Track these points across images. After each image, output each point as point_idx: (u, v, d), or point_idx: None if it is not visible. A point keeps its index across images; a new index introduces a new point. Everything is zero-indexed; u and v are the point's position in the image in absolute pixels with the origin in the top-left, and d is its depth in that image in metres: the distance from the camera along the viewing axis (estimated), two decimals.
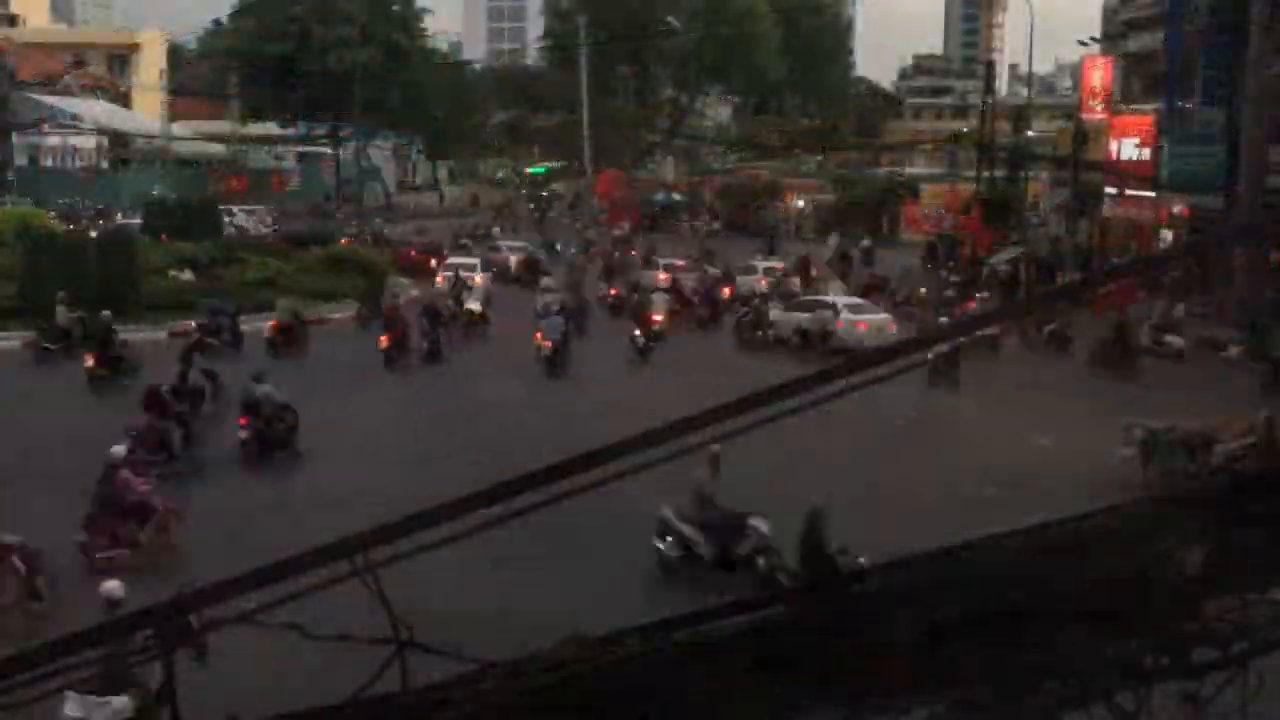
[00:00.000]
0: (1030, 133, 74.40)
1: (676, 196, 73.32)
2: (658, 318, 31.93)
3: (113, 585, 10.86)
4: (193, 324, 29.63)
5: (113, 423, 18.74)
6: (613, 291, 38.48)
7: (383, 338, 28.50)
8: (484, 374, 27.88)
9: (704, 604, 2.46)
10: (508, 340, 31.08)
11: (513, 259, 47.12)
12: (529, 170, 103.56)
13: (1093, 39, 53.39)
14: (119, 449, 15.74)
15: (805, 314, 32.53)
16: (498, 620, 13.28)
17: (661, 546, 15.01)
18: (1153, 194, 42.49)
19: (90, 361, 25.28)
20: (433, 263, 44.23)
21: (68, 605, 12.58)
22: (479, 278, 38.86)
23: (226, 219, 52.76)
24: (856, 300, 34.61)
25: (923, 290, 37.76)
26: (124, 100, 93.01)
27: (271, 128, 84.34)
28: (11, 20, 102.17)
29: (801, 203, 71.65)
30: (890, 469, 19.88)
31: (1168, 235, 42.80)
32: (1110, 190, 46.99)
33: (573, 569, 14.77)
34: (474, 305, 33.63)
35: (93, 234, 41.32)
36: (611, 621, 2.45)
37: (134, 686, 9.50)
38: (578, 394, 25.88)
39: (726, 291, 38.49)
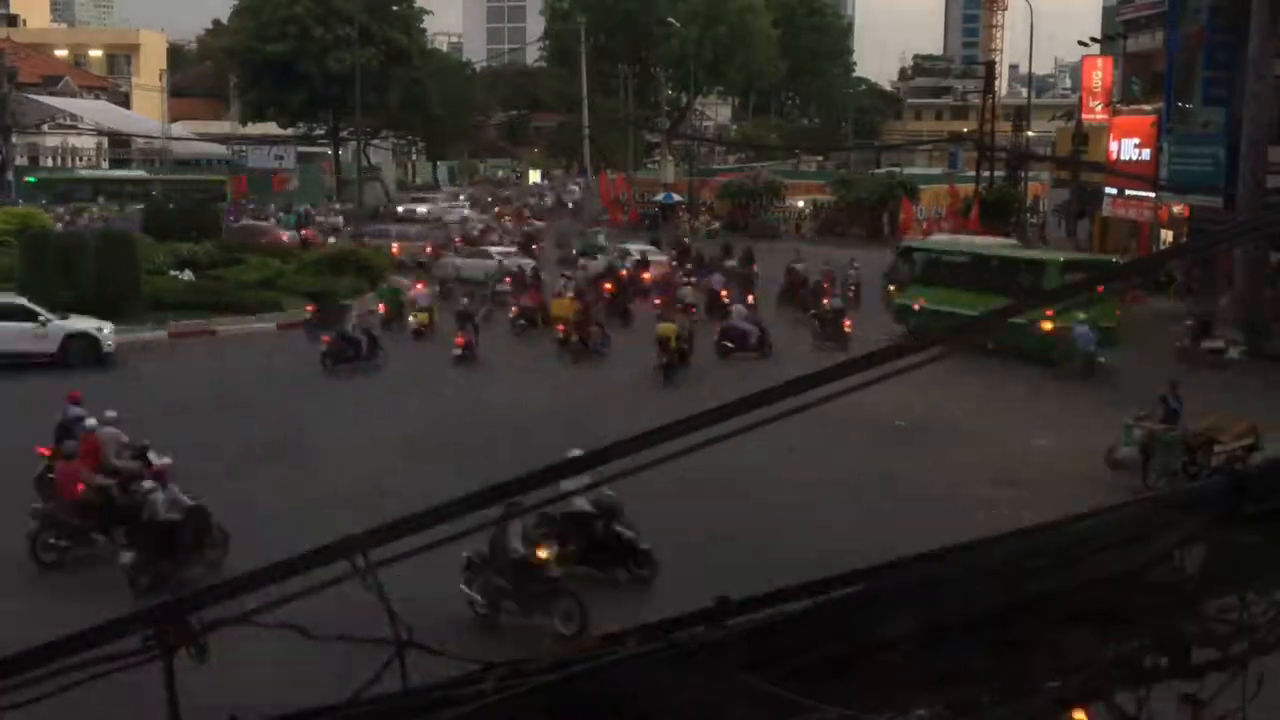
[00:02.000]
0: (1030, 133, 74.48)
1: (676, 196, 73.28)
2: None
3: None
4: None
5: None
6: None
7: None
8: None
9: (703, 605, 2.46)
10: None
11: None
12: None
13: (1093, 39, 53.38)
14: None
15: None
16: (498, 620, 13.30)
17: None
18: (1153, 194, 42.49)
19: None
20: None
21: None
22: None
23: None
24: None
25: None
26: (124, 100, 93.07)
27: (271, 128, 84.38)
28: (11, 20, 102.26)
29: (801, 203, 71.62)
30: (889, 467, 19.88)
31: (1168, 235, 42.81)
32: (1110, 190, 46.99)
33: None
34: None
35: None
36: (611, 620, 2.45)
37: None
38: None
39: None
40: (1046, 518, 2.49)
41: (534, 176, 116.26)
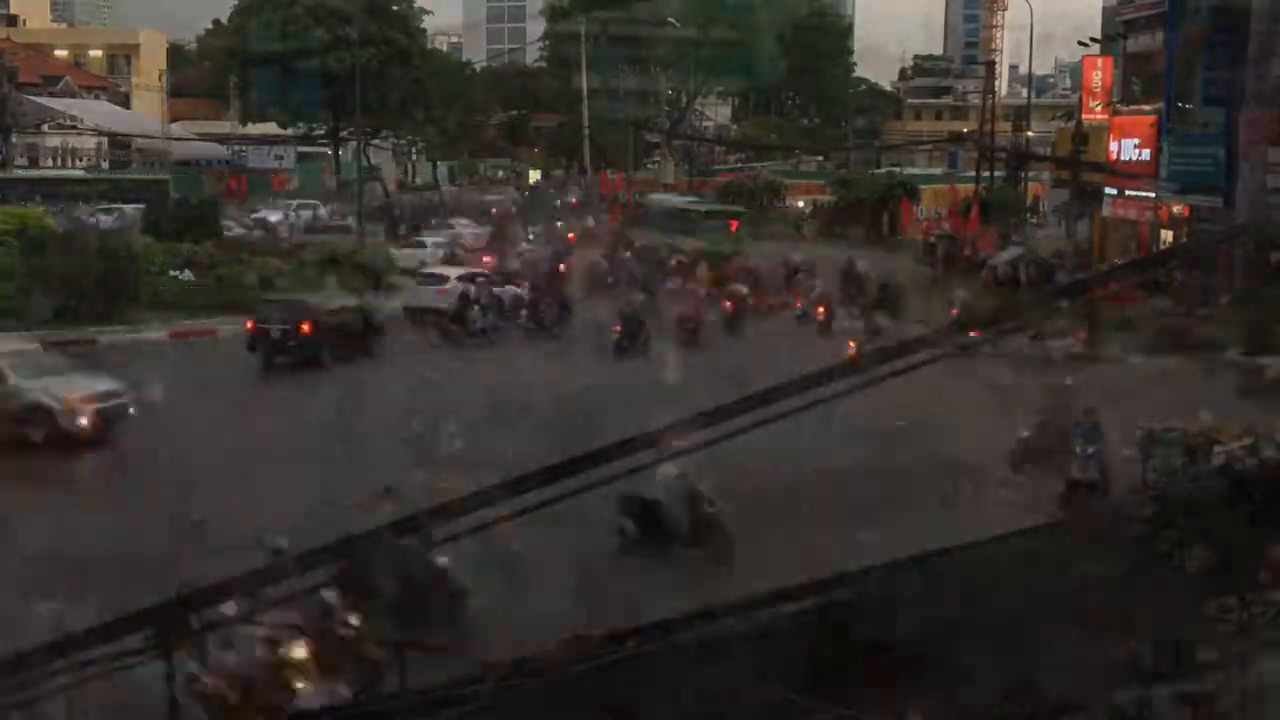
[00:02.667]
0: (1030, 133, 74.44)
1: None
2: None
3: None
4: None
5: None
6: None
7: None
8: None
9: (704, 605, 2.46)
10: None
11: None
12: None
13: (1093, 39, 53.35)
14: None
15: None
16: (498, 620, 13.29)
17: None
18: (1153, 194, 42.49)
19: None
20: None
21: None
22: None
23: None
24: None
25: None
26: (124, 100, 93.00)
27: (271, 128, 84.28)
28: (11, 20, 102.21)
29: (801, 203, 71.60)
30: (889, 467, 19.86)
31: (1168, 235, 42.79)
32: (1110, 190, 46.97)
33: (574, 569, 14.75)
34: None
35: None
36: (611, 621, 2.45)
37: None
38: None
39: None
40: (1045, 520, 2.49)
41: (534, 176, 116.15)
